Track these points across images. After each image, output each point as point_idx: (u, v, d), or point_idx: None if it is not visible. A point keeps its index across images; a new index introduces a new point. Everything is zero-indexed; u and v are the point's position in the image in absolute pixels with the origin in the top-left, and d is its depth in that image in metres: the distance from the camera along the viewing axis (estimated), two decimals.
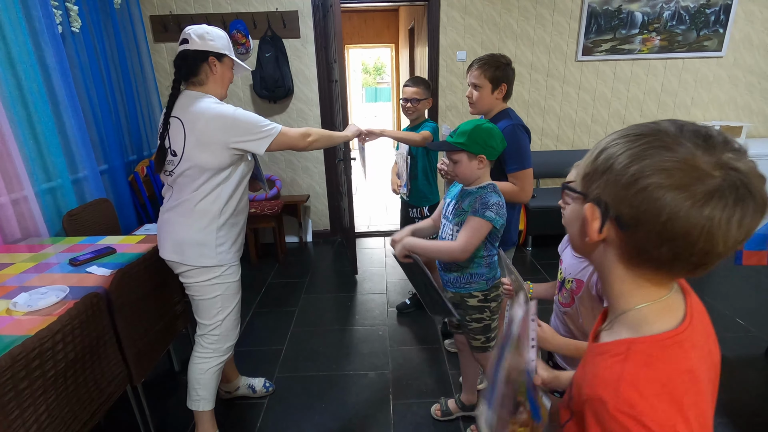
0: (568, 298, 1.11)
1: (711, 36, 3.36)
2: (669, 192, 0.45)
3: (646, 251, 0.49)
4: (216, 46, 1.47)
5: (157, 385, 2.04)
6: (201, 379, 1.59)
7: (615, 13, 3.29)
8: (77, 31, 2.39)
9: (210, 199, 1.46)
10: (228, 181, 1.48)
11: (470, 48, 3.37)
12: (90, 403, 1.36)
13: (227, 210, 1.50)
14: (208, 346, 1.59)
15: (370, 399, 1.92)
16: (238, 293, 1.62)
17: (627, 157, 0.48)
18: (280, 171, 3.64)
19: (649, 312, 0.53)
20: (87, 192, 2.40)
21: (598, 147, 0.53)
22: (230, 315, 1.60)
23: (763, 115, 3.62)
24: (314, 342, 2.35)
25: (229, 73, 1.55)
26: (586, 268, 1.06)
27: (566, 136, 3.67)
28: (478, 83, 1.66)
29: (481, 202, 1.30)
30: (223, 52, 1.49)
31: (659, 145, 0.46)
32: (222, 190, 1.47)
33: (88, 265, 1.67)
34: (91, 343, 1.36)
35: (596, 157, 0.52)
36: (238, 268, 1.61)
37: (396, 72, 8.23)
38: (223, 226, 1.50)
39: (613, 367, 0.50)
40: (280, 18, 3.20)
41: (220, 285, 1.53)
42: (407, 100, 2.16)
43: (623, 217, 0.49)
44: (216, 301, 1.55)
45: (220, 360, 1.62)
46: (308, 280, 3.09)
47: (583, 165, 0.55)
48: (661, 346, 0.50)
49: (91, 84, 2.50)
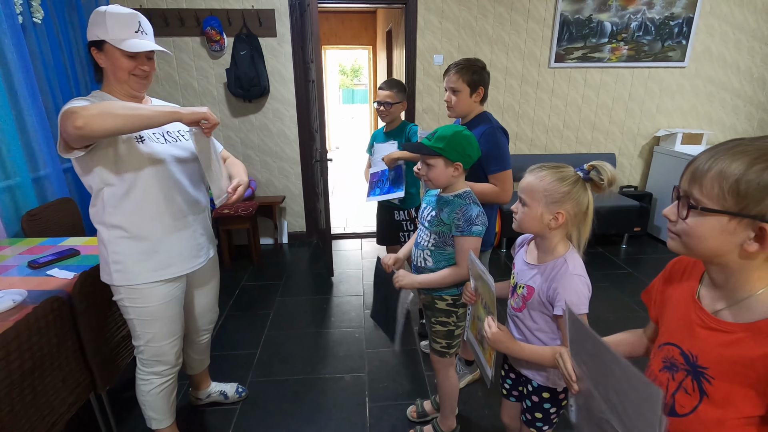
0: (519, 303, 1.13)
1: (675, 47, 3.52)
2: None
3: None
4: (93, 33, 1.19)
5: (123, 393, 1.96)
6: (145, 401, 1.48)
7: (586, 22, 3.40)
8: (39, 22, 2.28)
9: (96, 208, 1.27)
10: (112, 186, 1.23)
11: (447, 52, 3.41)
12: (50, 414, 1.29)
13: (118, 221, 1.26)
14: (143, 368, 1.45)
15: (346, 402, 1.91)
16: (159, 319, 1.37)
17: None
18: (255, 172, 3.57)
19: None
20: (49, 191, 2.29)
21: (740, 168, 0.58)
22: (153, 341, 1.39)
23: (722, 123, 3.81)
24: (289, 345, 2.31)
25: (123, 63, 1.21)
26: (536, 276, 1.08)
27: (539, 140, 3.76)
28: (456, 87, 1.67)
29: (464, 218, 1.29)
30: (100, 39, 1.18)
31: None
32: (106, 197, 1.24)
33: (49, 267, 1.59)
34: (51, 350, 1.29)
35: (750, 180, 0.57)
36: (160, 290, 1.34)
37: (373, 74, 8.24)
38: (118, 240, 1.27)
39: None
40: (256, 16, 3.15)
41: (130, 308, 1.34)
42: (381, 103, 2.14)
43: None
44: (132, 324, 1.37)
45: (161, 382, 1.47)
46: (283, 283, 3.04)
47: (726, 185, 0.60)
48: None
49: (54, 78, 2.39)
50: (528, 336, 1.12)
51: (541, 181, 1.01)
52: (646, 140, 3.83)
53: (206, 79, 3.28)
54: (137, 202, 1.26)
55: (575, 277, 1.00)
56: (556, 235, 1.05)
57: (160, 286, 1.34)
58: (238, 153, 3.50)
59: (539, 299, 1.06)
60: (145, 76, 1.27)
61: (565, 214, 1.00)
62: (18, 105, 2.10)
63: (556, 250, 1.06)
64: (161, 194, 1.30)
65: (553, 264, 1.04)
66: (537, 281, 1.07)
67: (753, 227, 0.59)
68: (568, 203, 1.00)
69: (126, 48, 1.19)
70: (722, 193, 0.60)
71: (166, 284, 1.36)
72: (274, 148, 3.53)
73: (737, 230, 0.60)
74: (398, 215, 2.30)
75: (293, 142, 3.52)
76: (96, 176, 1.22)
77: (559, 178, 1.00)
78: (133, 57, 1.22)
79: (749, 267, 0.63)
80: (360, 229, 4.08)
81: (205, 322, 1.67)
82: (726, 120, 3.80)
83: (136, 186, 1.25)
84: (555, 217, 1.01)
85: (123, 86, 1.26)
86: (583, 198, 1.01)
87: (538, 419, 1.19)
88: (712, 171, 0.61)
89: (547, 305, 1.05)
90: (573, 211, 1.01)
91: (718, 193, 0.60)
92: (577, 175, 1.01)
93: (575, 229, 1.04)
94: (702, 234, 0.64)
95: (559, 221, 1.01)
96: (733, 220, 0.60)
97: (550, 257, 1.06)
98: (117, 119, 1.08)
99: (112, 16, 1.18)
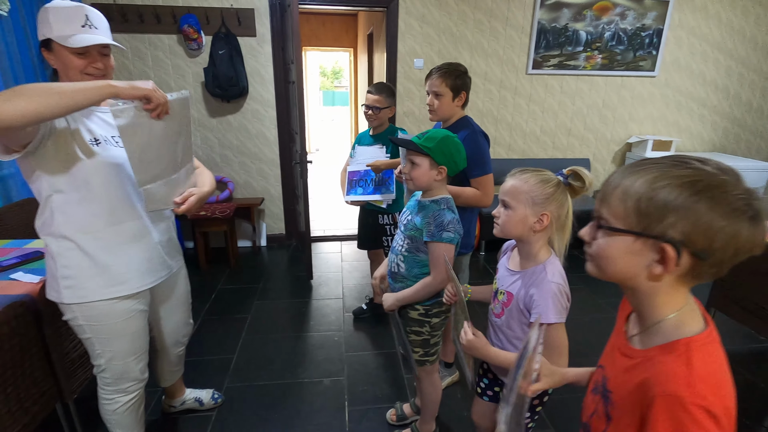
0: (499, 309, 1.13)
1: (646, 57, 3.65)
2: (741, 225, 0.53)
3: (703, 271, 0.57)
4: (40, 32, 1.10)
5: (92, 402, 1.88)
6: (112, 420, 1.38)
7: (562, 30, 3.49)
8: (5, 15, 2.18)
9: (44, 217, 1.15)
10: (61, 193, 1.12)
11: (427, 56, 3.44)
12: (12, 425, 1.23)
13: (68, 231, 1.15)
14: (106, 387, 1.34)
15: (326, 406, 1.89)
16: (121, 336, 1.27)
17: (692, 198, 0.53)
18: (233, 173, 3.51)
19: (683, 317, 0.61)
20: (13, 190, 2.20)
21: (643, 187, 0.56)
22: (115, 359, 1.28)
23: (689, 131, 3.97)
24: (267, 349, 2.27)
25: (73, 61, 1.10)
26: (516, 282, 1.08)
27: (517, 145, 3.83)
28: (438, 91, 1.68)
29: (435, 223, 1.28)
30: (46, 38, 1.09)
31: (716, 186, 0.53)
32: (53, 205, 1.13)
33: (12, 270, 1.52)
34: (14, 357, 1.23)
35: (650, 197, 0.56)
36: (119, 306, 1.24)
37: (354, 77, 8.24)
38: (67, 253, 1.16)
39: (680, 365, 0.57)
40: (235, 15, 3.10)
41: (86, 326, 1.22)
42: (369, 107, 2.12)
43: (700, 250, 0.54)
44: (91, 343, 1.25)
45: (126, 400, 1.36)
46: (261, 286, 2.99)
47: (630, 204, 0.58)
48: (706, 342, 0.58)
49: (20, 72, 2.29)
50: (505, 344, 1.12)
51: (526, 183, 1.02)
52: (619, 146, 3.96)
53: (183, 77, 3.21)
54: (90, 210, 1.15)
55: (552, 285, 1.00)
56: (538, 240, 1.05)
57: (116, 303, 1.23)
58: (216, 154, 3.43)
59: (518, 306, 1.06)
60: (101, 74, 1.15)
61: (550, 216, 1.01)
62: None
63: (537, 256, 1.06)
64: (118, 202, 1.19)
65: (533, 270, 1.05)
66: (516, 287, 1.07)
67: (656, 248, 0.57)
68: (552, 205, 1.01)
69: (72, 44, 1.08)
70: (626, 212, 0.58)
71: (124, 300, 1.25)
72: (252, 149, 3.48)
73: (643, 251, 0.58)
74: (382, 219, 2.29)
75: (272, 144, 3.48)
76: (44, 181, 1.11)
77: (542, 180, 1.02)
78: (83, 54, 1.11)
79: (657, 290, 0.60)
80: (340, 232, 4.06)
81: (178, 336, 1.59)
82: (693, 128, 3.97)
83: (90, 193, 1.14)
84: (540, 219, 1.02)
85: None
86: (565, 201, 1.03)
87: None
88: (617, 190, 0.60)
89: (524, 312, 1.05)
90: (556, 213, 1.02)
91: (623, 212, 0.59)
92: (557, 179, 1.03)
93: (556, 234, 1.05)
94: (610, 255, 0.62)
95: (544, 223, 1.02)
96: (638, 241, 0.58)
97: (532, 263, 1.06)
98: (32, 101, 0.91)
99: (55, 11, 1.08)
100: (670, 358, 0.58)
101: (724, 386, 0.57)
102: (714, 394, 0.55)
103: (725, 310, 2.08)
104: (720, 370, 0.58)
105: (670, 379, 0.57)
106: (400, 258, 1.41)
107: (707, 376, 0.56)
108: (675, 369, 0.57)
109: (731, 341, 2.39)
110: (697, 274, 0.57)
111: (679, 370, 0.57)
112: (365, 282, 3.05)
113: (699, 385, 0.55)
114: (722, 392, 0.56)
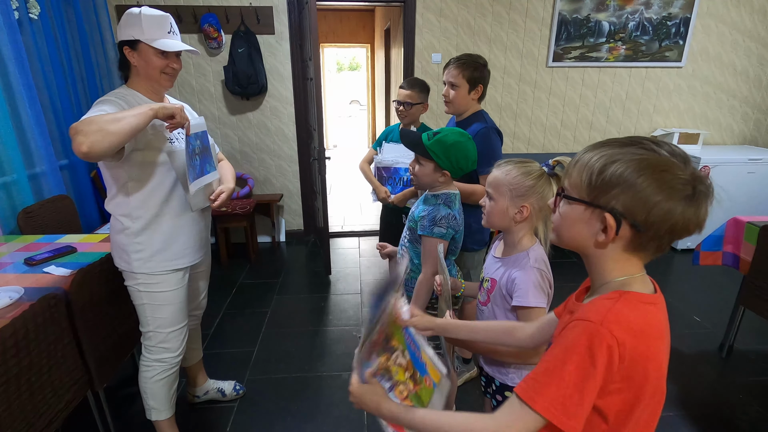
0: (484, 297, 1.14)
1: (672, 47, 3.53)
2: (676, 203, 0.57)
3: (644, 243, 0.61)
4: (128, 33, 1.25)
5: (121, 391, 1.95)
6: (147, 388, 1.50)
7: (584, 21, 3.40)
8: (35, 18, 2.26)
9: (118, 200, 1.33)
10: (137, 181, 1.31)
11: (445, 50, 3.41)
12: (47, 411, 1.29)
13: (143, 214, 1.34)
14: (148, 355, 1.49)
15: (344, 400, 1.91)
16: (170, 305, 1.45)
17: (636, 175, 0.58)
18: (252, 170, 3.57)
19: (631, 281, 0.64)
20: (45, 188, 2.28)
21: (598, 162, 0.62)
22: (161, 326, 1.45)
23: (718, 123, 3.83)
24: (287, 343, 2.31)
25: (156, 61, 1.29)
26: (499, 269, 1.09)
27: (537, 139, 3.77)
28: (455, 82, 1.65)
29: (429, 217, 1.28)
30: (136, 39, 1.25)
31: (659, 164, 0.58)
32: (130, 191, 1.31)
33: (45, 264, 1.59)
34: (48, 347, 1.29)
35: (600, 171, 0.61)
36: (173, 278, 1.43)
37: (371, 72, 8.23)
38: (141, 231, 1.35)
39: (605, 304, 0.61)
40: (254, 13, 3.14)
41: (144, 293, 1.41)
42: (400, 103, 2.02)
43: (639, 222, 0.59)
44: (144, 309, 1.43)
45: (163, 369, 1.50)
46: (281, 281, 3.04)
47: (584, 177, 0.63)
48: (643, 301, 0.63)
49: (50, 74, 2.37)
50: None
51: (507, 175, 1.04)
52: None
53: (204, 76, 3.27)
54: (162, 197, 1.35)
55: (534, 270, 1.02)
56: (521, 229, 1.06)
57: (173, 274, 1.43)
58: (236, 151, 3.49)
59: (501, 292, 1.07)
60: (175, 74, 1.37)
61: (530, 208, 1.02)
62: (14, 101, 2.09)
63: (520, 243, 1.07)
64: (180, 192, 1.39)
65: (516, 257, 1.06)
66: (499, 273, 1.08)
67: (601, 218, 0.62)
68: (533, 197, 1.02)
69: (160, 47, 1.27)
70: (581, 184, 0.64)
71: (177, 272, 1.45)
72: (271, 146, 3.52)
73: (591, 220, 0.63)
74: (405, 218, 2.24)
75: (291, 140, 3.52)
76: (123, 171, 1.29)
77: (524, 172, 1.03)
78: (165, 56, 1.30)
79: (605, 257, 0.65)
80: (358, 228, 4.08)
81: (193, 307, 1.69)
82: (722, 120, 3.82)
83: (162, 183, 1.34)
84: (520, 210, 1.03)
85: (152, 84, 1.34)
86: (548, 192, 1.03)
87: None
88: (578, 164, 0.65)
89: (507, 298, 1.06)
90: (537, 205, 1.03)
91: (578, 184, 0.64)
92: (542, 170, 1.03)
93: (541, 223, 1.06)
94: (565, 222, 0.68)
95: (524, 215, 1.03)
96: (588, 210, 0.63)
97: (515, 251, 1.08)
98: (114, 136, 1.10)
99: (147, 18, 1.25)
100: (599, 300, 0.63)
101: (640, 338, 0.59)
102: (626, 335, 0.58)
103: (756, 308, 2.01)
104: (645, 324, 0.60)
105: (587, 310, 0.62)
106: (404, 249, 1.42)
107: (624, 318, 0.59)
108: (597, 305, 0.62)
109: (762, 340, 2.31)
110: (638, 245, 0.62)
111: (600, 306, 0.61)
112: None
113: (610, 317, 0.58)
114: (635, 342, 0.58)
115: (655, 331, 0.62)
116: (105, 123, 1.10)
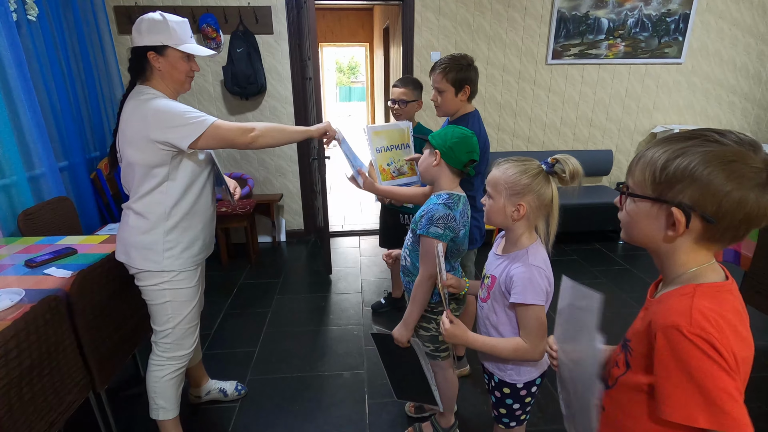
0: (485, 293, 1.15)
1: (671, 43, 3.52)
2: (748, 192, 0.57)
3: (718, 234, 0.61)
4: (154, 39, 1.29)
5: (122, 392, 1.95)
6: (157, 387, 1.52)
7: (583, 18, 3.40)
8: (34, 19, 2.26)
9: (152, 199, 1.34)
10: (174, 180, 1.35)
11: (444, 48, 3.40)
12: (48, 412, 1.29)
13: (177, 212, 1.38)
14: (161, 354, 1.51)
15: (345, 399, 1.91)
16: (192, 300, 1.49)
17: (702, 167, 0.58)
18: (252, 170, 3.56)
19: (703, 271, 0.64)
20: (45, 190, 2.28)
21: (661, 158, 0.62)
22: (182, 323, 1.49)
23: (718, 119, 3.82)
24: (288, 343, 2.31)
25: (182, 65, 1.35)
26: (499, 266, 1.09)
27: (537, 137, 3.76)
28: (440, 87, 1.66)
29: (426, 217, 1.27)
30: (164, 44, 1.30)
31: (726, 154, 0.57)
32: (167, 190, 1.35)
33: (46, 266, 1.58)
34: (50, 348, 1.29)
35: (664, 167, 0.61)
36: (195, 273, 1.48)
37: (370, 71, 8.22)
38: (172, 229, 1.38)
39: (684, 301, 0.61)
40: (253, 13, 3.13)
41: (169, 291, 1.43)
42: (394, 101, 2.04)
43: (709, 214, 0.59)
44: (166, 308, 1.45)
45: (175, 368, 1.53)
46: (281, 281, 3.04)
47: (648, 174, 0.64)
48: (718, 290, 0.62)
49: (49, 76, 2.37)
50: (490, 330, 1.14)
51: (504, 174, 1.04)
52: (643, 137, 3.84)
53: (203, 76, 3.26)
54: (193, 197, 1.41)
55: (533, 268, 1.02)
56: (519, 227, 1.07)
57: (195, 269, 1.49)
58: (236, 151, 3.48)
59: (500, 288, 1.08)
60: (194, 76, 1.43)
61: (527, 206, 1.03)
62: (13, 103, 2.09)
63: (520, 241, 1.08)
64: (208, 191, 1.47)
65: (516, 254, 1.07)
66: (499, 270, 1.09)
67: (668, 213, 0.62)
68: (529, 195, 1.02)
69: (192, 52, 1.33)
70: (645, 181, 0.64)
71: (198, 268, 1.51)
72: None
73: (659, 215, 0.64)
74: (402, 219, 2.26)
75: None
76: (166, 170, 1.33)
77: (521, 170, 1.02)
78: (188, 60, 1.36)
79: (675, 251, 0.65)
80: (358, 227, 4.08)
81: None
82: (722, 116, 3.82)
83: (194, 185, 1.40)
84: (516, 208, 1.03)
85: (176, 86, 1.38)
86: (545, 190, 1.02)
87: (503, 415, 1.21)
88: (641, 161, 0.65)
89: (506, 294, 1.06)
90: (535, 203, 1.03)
91: (642, 180, 0.65)
92: (539, 168, 1.03)
93: (541, 221, 1.06)
94: (632, 219, 0.68)
95: (521, 213, 1.03)
96: (655, 206, 0.64)
97: (515, 248, 1.08)
98: (276, 139, 1.42)
99: (175, 23, 1.31)
100: (675, 297, 0.63)
101: (729, 329, 0.57)
102: (717, 331, 0.56)
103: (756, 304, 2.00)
104: (728, 314, 0.59)
105: (671, 313, 0.60)
106: (406, 252, 1.42)
107: (709, 312, 0.58)
108: (677, 304, 0.61)
109: (763, 336, 2.30)
110: (711, 236, 0.61)
111: (680, 305, 0.60)
112: (384, 276, 3.06)
113: (697, 316, 0.57)
114: (726, 333, 0.57)
115: (736, 317, 0.61)
116: (272, 127, 1.41)
